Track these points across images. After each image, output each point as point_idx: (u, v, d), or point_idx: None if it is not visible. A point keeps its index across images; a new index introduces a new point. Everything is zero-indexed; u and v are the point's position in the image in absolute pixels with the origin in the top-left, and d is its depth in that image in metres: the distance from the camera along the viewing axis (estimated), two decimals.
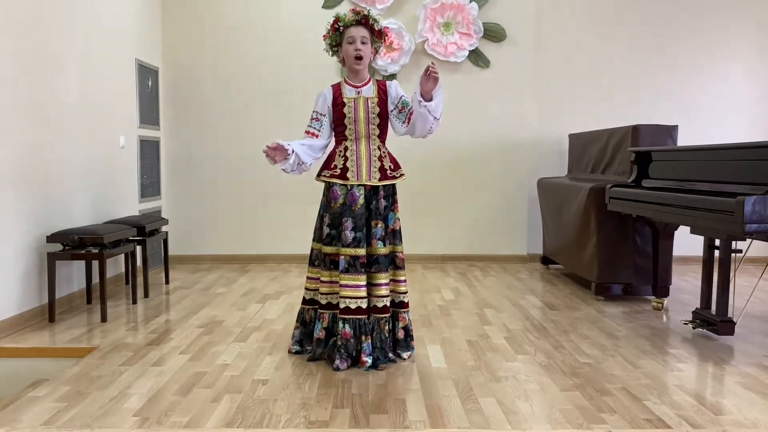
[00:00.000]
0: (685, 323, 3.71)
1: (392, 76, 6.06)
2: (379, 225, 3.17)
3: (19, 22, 3.77)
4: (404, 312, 3.28)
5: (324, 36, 3.24)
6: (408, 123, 3.21)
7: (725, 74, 6.22)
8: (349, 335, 3.09)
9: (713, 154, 3.58)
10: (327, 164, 3.24)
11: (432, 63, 3.05)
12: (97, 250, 3.98)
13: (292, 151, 3.09)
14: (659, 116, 6.07)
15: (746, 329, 3.77)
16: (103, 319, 3.95)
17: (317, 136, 3.23)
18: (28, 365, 3.35)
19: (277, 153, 3.08)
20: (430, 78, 3.00)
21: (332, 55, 3.28)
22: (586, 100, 6.22)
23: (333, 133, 3.27)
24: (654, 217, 4.02)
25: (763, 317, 4.09)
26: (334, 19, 3.19)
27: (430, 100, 3.05)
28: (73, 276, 4.38)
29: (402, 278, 3.27)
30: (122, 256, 4.97)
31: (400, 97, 3.23)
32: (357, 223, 3.12)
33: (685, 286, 5.10)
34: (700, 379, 2.99)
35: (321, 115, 3.24)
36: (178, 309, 4.31)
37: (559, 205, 5.33)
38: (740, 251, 3.52)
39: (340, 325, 3.10)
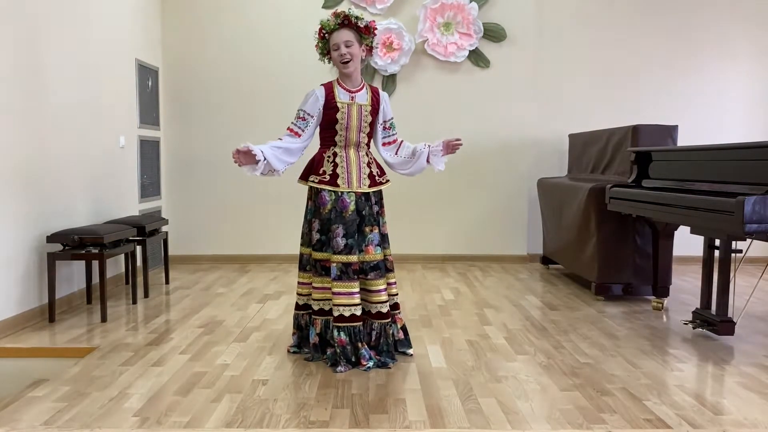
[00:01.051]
0: (685, 323, 3.71)
1: (392, 77, 6.07)
2: (375, 230, 3.16)
3: (19, 22, 3.77)
4: (399, 313, 3.30)
5: (316, 46, 3.21)
6: (385, 145, 3.30)
7: (725, 74, 6.22)
8: (345, 342, 3.09)
9: (713, 154, 3.58)
10: (314, 169, 3.18)
11: (457, 142, 3.27)
12: (97, 250, 3.98)
13: (264, 159, 3.01)
14: (659, 116, 6.07)
15: (746, 329, 3.77)
16: (103, 319, 3.95)
17: (300, 136, 3.16)
18: (28, 365, 3.35)
19: (244, 157, 2.99)
20: (451, 147, 3.25)
21: (328, 62, 3.25)
22: (586, 100, 6.22)
23: (319, 137, 3.24)
24: (654, 217, 4.02)
25: (763, 317, 4.09)
26: (319, 27, 3.17)
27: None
28: (73, 276, 4.38)
29: (393, 280, 3.28)
30: (122, 256, 4.97)
31: (391, 118, 3.31)
32: (348, 229, 3.10)
33: (685, 286, 5.10)
34: (700, 379, 2.99)
35: (309, 115, 3.17)
36: (178, 309, 4.31)
37: (559, 205, 5.33)
38: (740, 251, 3.52)
39: (335, 333, 3.09)
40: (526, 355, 3.30)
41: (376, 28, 3.27)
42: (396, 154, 3.31)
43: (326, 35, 3.15)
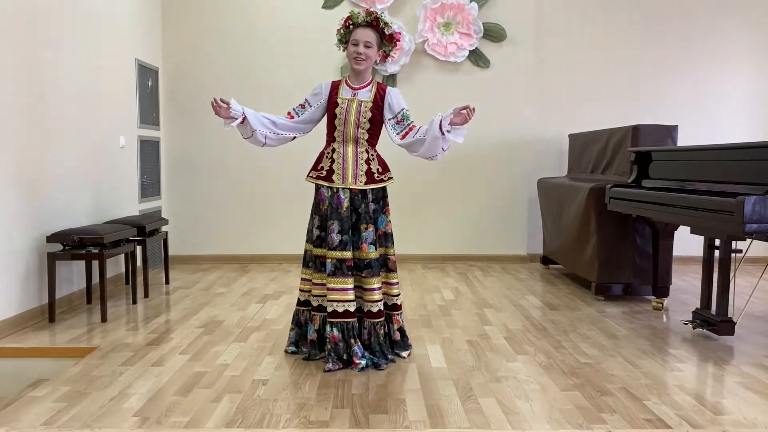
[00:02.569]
0: (685, 323, 3.71)
1: (392, 77, 6.07)
2: (370, 228, 3.16)
3: (19, 22, 3.77)
4: (398, 314, 3.29)
5: (337, 31, 3.23)
6: (404, 137, 3.16)
7: (725, 74, 6.22)
8: (338, 338, 3.09)
9: (713, 154, 3.58)
10: (315, 165, 3.25)
11: (473, 108, 2.98)
12: (97, 250, 3.98)
13: (242, 114, 3.12)
14: (659, 116, 6.07)
15: (746, 329, 3.77)
16: (103, 319, 3.95)
17: (292, 118, 3.24)
18: (28, 365, 3.35)
19: (222, 110, 3.11)
20: (463, 116, 2.96)
21: (343, 50, 3.27)
22: (586, 100, 6.22)
23: (326, 131, 3.25)
24: (654, 217, 4.02)
25: (763, 317, 4.09)
26: (347, 16, 3.20)
27: (449, 131, 3.00)
28: (73, 276, 4.38)
29: (394, 281, 3.27)
30: (122, 256, 4.97)
31: (402, 109, 3.19)
32: (343, 226, 3.11)
33: (685, 286, 5.10)
34: (700, 379, 2.99)
35: (308, 104, 3.26)
36: (178, 309, 4.31)
37: (559, 205, 5.33)
38: (740, 251, 3.52)
39: (328, 328, 3.10)
40: (526, 355, 3.30)
41: (400, 41, 3.29)
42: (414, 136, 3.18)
43: (351, 26, 3.17)
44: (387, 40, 3.18)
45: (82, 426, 2.41)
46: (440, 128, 2.99)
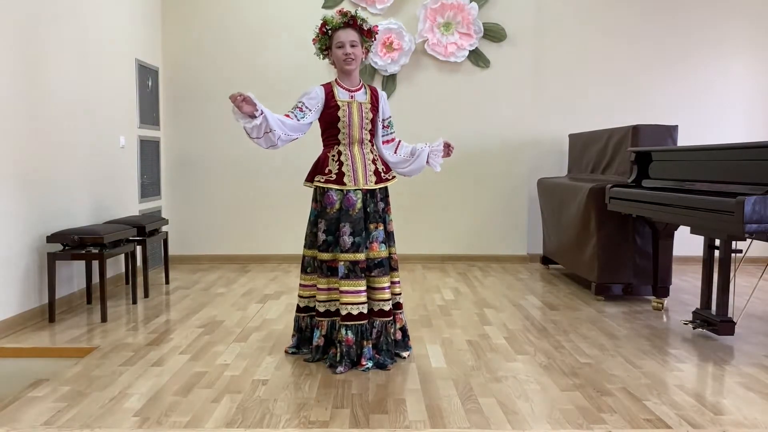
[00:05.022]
0: (685, 323, 3.71)
1: (392, 77, 6.07)
2: (380, 227, 3.15)
3: (19, 22, 3.77)
4: (400, 313, 3.29)
5: (313, 40, 3.20)
6: (387, 144, 3.32)
7: (725, 74, 6.23)
8: (352, 342, 3.08)
9: (713, 154, 3.58)
10: (319, 169, 3.16)
11: (452, 147, 3.39)
12: (97, 250, 3.98)
13: (261, 113, 2.92)
14: (659, 116, 6.07)
15: (746, 329, 3.77)
16: (103, 319, 3.95)
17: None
18: (28, 365, 3.35)
19: (244, 104, 2.89)
20: (447, 151, 3.36)
21: (323, 59, 3.26)
22: (586, 100, 6.22)
23: (322, 138, 3.23)
24: (654, 217, 4.02)
25: (763, 317, 4.09)
26: (321, 22, 3.16)
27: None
28: (73, 276, 4.38)
29: (397, 279, 3.27)
30: (122, 256, 4.97)
31: (388, 117, 3.32)
32: (355, 227, 3.10)
33: (685, 286, 5.10)
34: (700, 379, 2.99)
35: (307, 108, 3.13)
36: (178, 309, 4.31)
37: (559, 205, 5.33)
38: (740, 251, 3.52)
39: (343, 332, 3.09)
40: (526, 355, 3.30)
41: (377, 33, 3.31)
42: (395, 152, 3.34)
43: (328, 32, 3.15)
44: (367, 36, 3.19)
45: (82, 426, 2.41)
46: (427, 161, 3.34)
